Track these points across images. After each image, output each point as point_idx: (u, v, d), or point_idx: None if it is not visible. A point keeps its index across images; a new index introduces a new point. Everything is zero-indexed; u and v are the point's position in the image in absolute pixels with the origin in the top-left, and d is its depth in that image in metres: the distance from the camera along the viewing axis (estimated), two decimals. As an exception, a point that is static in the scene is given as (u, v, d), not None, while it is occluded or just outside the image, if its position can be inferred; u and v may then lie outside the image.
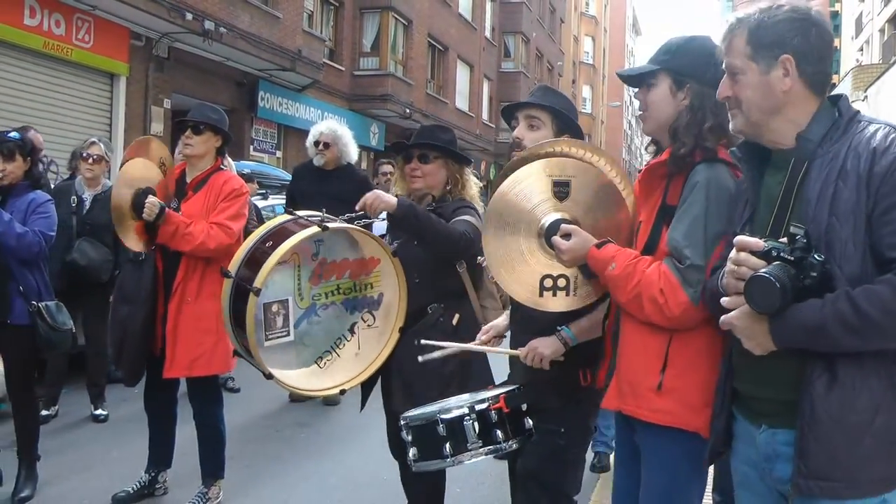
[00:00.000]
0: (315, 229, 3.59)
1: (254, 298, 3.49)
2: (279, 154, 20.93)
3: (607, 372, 2.90)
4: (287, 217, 3.88)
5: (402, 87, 26.47)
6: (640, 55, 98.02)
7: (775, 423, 2.28)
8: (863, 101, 29.15)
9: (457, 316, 3.95)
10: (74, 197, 6.87)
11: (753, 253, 2.13)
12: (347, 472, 5.90)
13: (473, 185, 4.19)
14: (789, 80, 2.25)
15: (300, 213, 3.95)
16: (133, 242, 4.64)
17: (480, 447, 2.94)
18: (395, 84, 25.81)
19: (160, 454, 5.13)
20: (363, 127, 25.60)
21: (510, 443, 2.96)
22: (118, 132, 15.27)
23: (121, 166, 4.84)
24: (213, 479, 4.98)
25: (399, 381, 3.91)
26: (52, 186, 6.80)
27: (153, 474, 5.13)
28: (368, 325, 3.92)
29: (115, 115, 15.35)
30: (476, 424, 2.96)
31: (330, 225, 3.63)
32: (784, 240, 2.14)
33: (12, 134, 5.00)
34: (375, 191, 3.83)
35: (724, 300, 2.23)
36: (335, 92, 24.20)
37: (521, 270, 2.89)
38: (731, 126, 2.43)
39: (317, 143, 7.62)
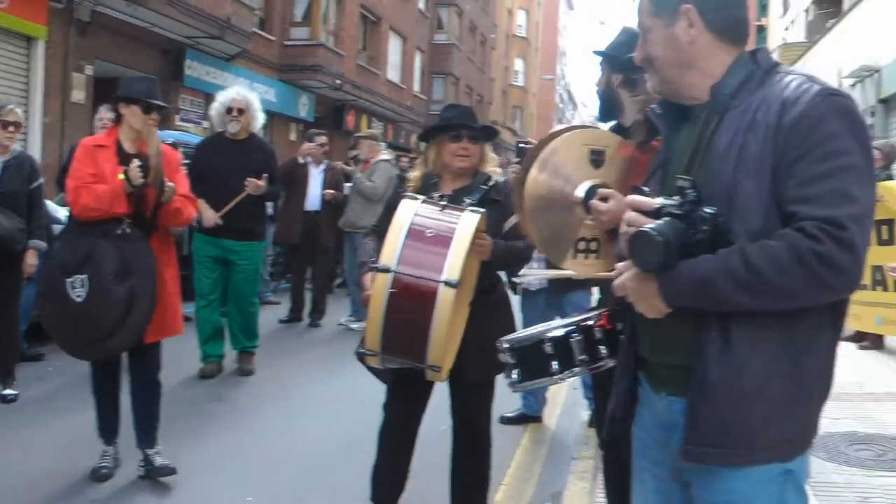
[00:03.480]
0: (477, 215, 3.72)
1: (450, 293, 3.48)
2: (206, 124, 20.41)
3: None
4: (414, 202, 3.78)
5: (333, 58, 26.04)
6: (574, 29, 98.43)
7: (673, 390, 2.19)
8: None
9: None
10: (-16, 164, 6.54)
11: (646, 212, 2.04)
12: (267, 444, 5.81)
13: (493, 159, 4.41)
14: (694, 31, 2.15)
15: (417, 196, 3.91)
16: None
17: (587, 362, 3.01)
18: (325, 55, 25.36)
19: (114, 424, 5.08)
20: (293, 98, 25.23)
21: (611, 360, 2.99)
22: (36, 99, 14.65)
23: None
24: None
25: (474, 350, 3.96)
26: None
27: (115, 444, 5.08)
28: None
29: (33, 81, 14.71)
30: (582, 341, 3.03)
31: (480, 210, 3.78)
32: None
33: None
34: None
35: (618, 265, 2.16)
36: (265, 62, 23.68)
37: (563, 235, 3.00)
38: (648, 87, 2.35)
39: (230, 110, 7.42)
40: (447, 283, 3.46)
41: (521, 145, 6.85)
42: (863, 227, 1.91)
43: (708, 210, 1.99)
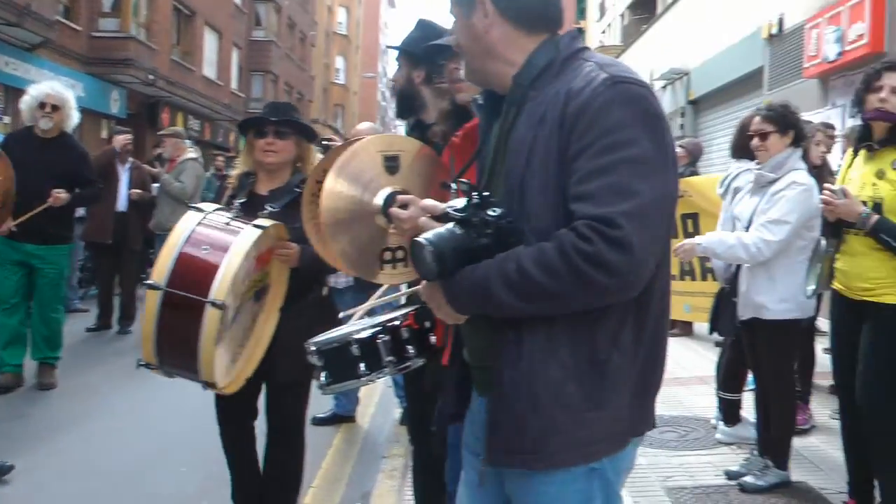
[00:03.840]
0: (258, 232, 3.54)
1: (215, 313, 3.32)
2: (6, 119, 19.17)
3: None
4: (197, 215, 3.60)
5: (146, 52, 24.98)
6: (395, 27, 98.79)
7: (482, 392, 2.18)
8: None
9: (325, 288, 4.16)
10: None
11: (436, 217, 1.98)
12: (65, 462, 5.47)
13: (317, 158, 4.25)
14: (488, 20, 2.08)
15: (204, 206, 3.73)
16: None
17: (394, 363, 2.94)
18: (137, 48, 24.29)
19: None
20: (103, 92, 23.99)
21: (419, 359, 2.96)
22: None
23: None
24: None
25: (283, 353, 3.89)
26: None
27: None
28: (262, 312, 3.89)
29: None
30: (389, 342, 2.95)
31: (265, 223, 3.60)
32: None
33: None
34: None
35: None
36: (70, 53, 22.39)
37: (366, 247, 2.96)
38: (461, 75, 2.35)
39: (43, 105, 6.96)
40: (213, 304, 3.36)
41: (324, 142, 6.71)
42: (642, 224, 1.81)
43: (492, 213, 1.92)
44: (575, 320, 1.90)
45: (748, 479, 4.78)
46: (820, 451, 5.42)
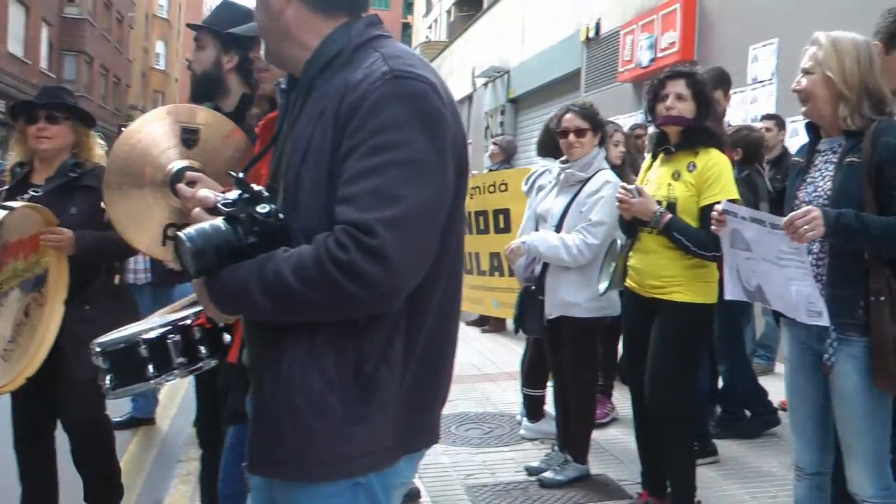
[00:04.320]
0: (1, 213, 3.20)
1: None
2: None
3: None
4: None
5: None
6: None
7: (251, 397, 2.05)
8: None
9: (117, 276, 3.96)
10: None
11: (209, 209, 1.84)
12: None
13: (99, 147, 4.04)
14: (284, 0, 1.93)
15: None
16: None
17: (185, 365, 2.73)
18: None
19: None
20: None
21: (211, 360, 2.75)
22: None
23: None
24: None
25: (71, 348, 3.62)
26: None
27: None
28: (40, 305, 3.58)
29: None
30: (180, 342, 2.73)
31: (14, 205, 3.32)
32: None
33: None
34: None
35: None
36: None
37: (148, 220, 2.78)
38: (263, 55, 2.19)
39: None
40: None
41: (122, 128, 6.37)
42: (403, 233, 1.69)
43: (261, 210, 1.79)
44: (340, 330, 1.78)
45: (548, 474, 4.79)
46: (621, 442, 5.51)
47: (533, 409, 5.68)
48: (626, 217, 4.05)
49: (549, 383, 5.81)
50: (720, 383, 5.84)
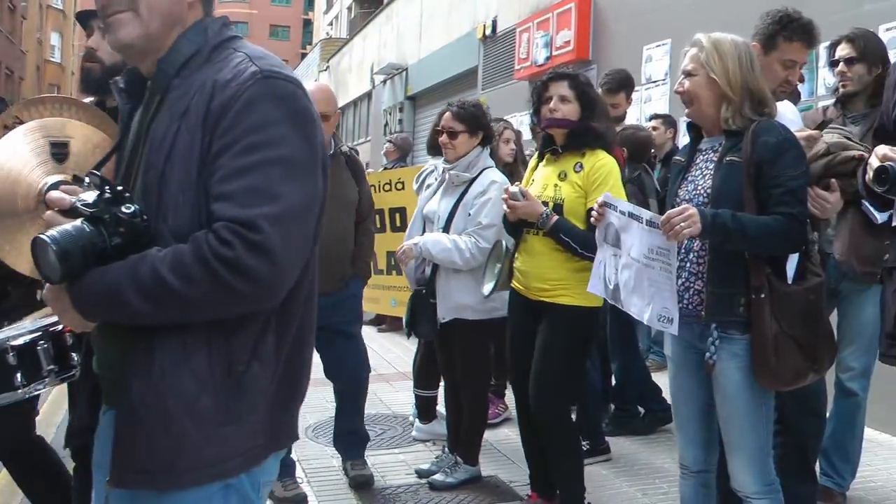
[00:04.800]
0: None
1: None
2: None
3: None
4: None
5: None
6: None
7: (111, 405, 1.95)
8: (325, 70, 30.77)
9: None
10: None
11: (64, 211, 1.75)
12: None
13: None
14: None
15: None
16: None
17: (56, 372, 2.59)
18: None
19: None
20: None
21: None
22: None
23: None
24: None
25: None
26: None
27: None
28: None
29: None
30: (51, 349, 2.60)
31: None
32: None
33: None
34: None
35: None
36: None
37: (24, 241, 2.58)
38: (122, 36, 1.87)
39: None
40: None
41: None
42: (285, 228, 1.71)
43: (125, 210, 1.72)
44: (211, 328, 1.76)
45: (438, 476, 4.73)
46: (513, 443, 5.44)
47: (424, 409, 5.61)
48: (511, 219, 4.01)
49: (442, 384, 5.76)
50: (614, 381, 5.87)
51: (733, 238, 2.88)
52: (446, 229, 4.55)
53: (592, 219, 3.25)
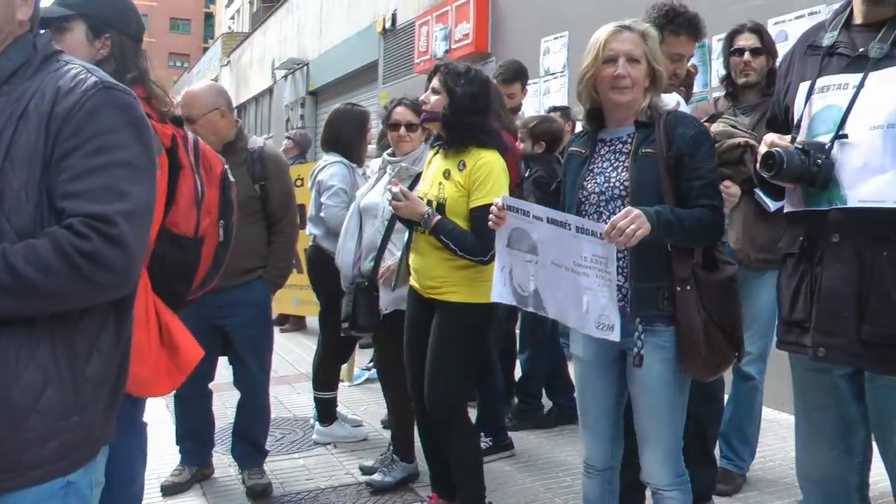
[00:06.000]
0: None
1: None
2: None
3: None
4: None
5: None
6: None
7: None
8: (226, 65, 30.31)
9: None
10: None
11: None
12: None
13: None
14: (27, 9, 1.98)
15: None
16: None
17: None
18: None
19: None
20: None
21: None
22: None
23: None
24: None
25: None
26: None
27: None
28: None
29: None
30: None
31: None
32: None
33: None
34: None
35: None
36: None
37: None
38: None
39: None
40: None
41: None
42: (135, 224, 1.86)
43: None
44: (55, 321, 1.83)
45: (376, 476, 4.65)
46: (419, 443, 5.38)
47: (325, 412, 5.47)
48: (398, 216, 3.93)
49: (344, 384, 5.65)
50: (521, 373, 5.85)
51: (674, 232, 2.84)
52: (393, 222, 4.40)
53: (490, 222, 3.11)
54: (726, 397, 4.35)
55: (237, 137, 4.48)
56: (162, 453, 4.85)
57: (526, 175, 5.30)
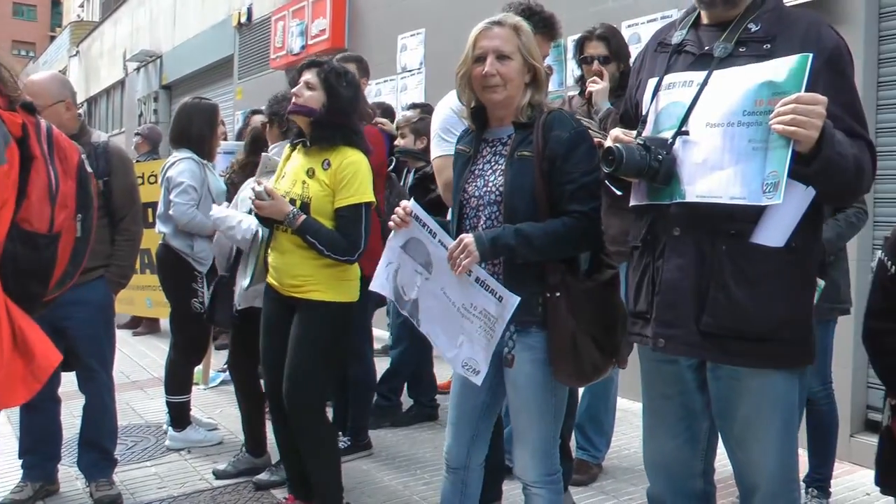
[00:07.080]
0: None
1: None
2: None
3: None
4: None
5: None
6: None
7: None
8: (75, 55, 29.22)
9: None
10: None
11: None
12: None
13: None
14: None
15: None
16: None
17: None
18: None
19: None
20: None
21: None
22: None
23: None
24: None
25: None
26: None
27: None
28: None
29: None
30: None
31: None
32: None
33: None
34: None
35: None
36: None
37: None
38: None
39: None
40: None
41: None
42: None
43: None
44: None
45: (263, 475, 4.59)
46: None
47: (178, 416, 5.32)
48: (261, 215, 3.85)
49: (199, 387, 5.52)
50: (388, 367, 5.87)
51: (519, 253, 2.82)
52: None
53: (391, 223, 3.03)
54: (581, 389, 4.41)
55: (81, 131, 4.30)
56: (2, 469, 4.61)
57: (413, 172, 5.39)
